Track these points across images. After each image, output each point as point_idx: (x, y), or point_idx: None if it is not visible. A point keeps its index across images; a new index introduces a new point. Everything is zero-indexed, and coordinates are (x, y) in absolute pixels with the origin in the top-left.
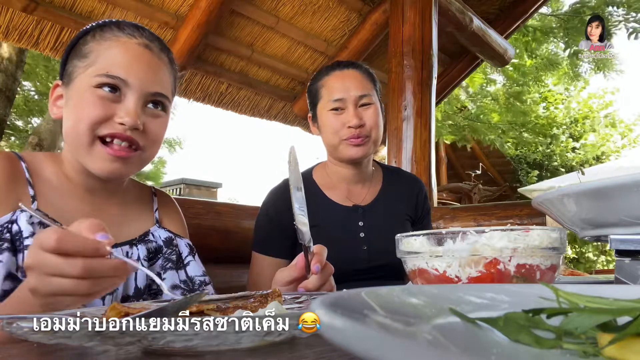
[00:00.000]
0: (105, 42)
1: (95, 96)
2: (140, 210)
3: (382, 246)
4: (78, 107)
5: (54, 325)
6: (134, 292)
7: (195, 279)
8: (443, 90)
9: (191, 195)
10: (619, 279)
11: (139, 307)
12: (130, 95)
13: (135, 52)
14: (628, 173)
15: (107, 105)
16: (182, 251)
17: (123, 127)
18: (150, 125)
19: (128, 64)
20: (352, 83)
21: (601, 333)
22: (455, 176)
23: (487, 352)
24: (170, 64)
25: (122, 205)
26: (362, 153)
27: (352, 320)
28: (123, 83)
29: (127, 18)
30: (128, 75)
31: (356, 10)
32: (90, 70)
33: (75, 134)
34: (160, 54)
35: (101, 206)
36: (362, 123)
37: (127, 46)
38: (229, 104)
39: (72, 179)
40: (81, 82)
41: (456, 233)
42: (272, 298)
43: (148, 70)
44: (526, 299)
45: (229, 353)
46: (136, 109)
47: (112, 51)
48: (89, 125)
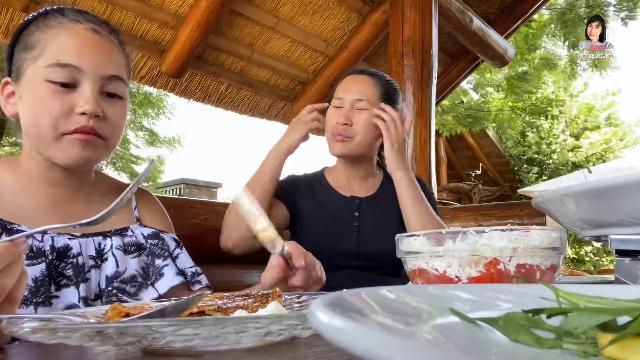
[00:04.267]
0: (50, 30)
1: (50, 89)
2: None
3: (372, 237)
4: (34, 101)
5: (53, 325)
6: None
7: (187, 271)
8: (443, 90)
9: (191, 195)
10: (619, 279)
11: (139, 307)
12: (85, 81)
13: (84, 37)
14: (628, 173)
15: (63, 97)
16: (170, 246)
17: (85, 117)
18: (110, 112)
19: (78, 50)
20: (355, 87)
21: (601, 333)
22: (455, 176)
23: (487, 352)
24: (120, 45)
25: (88, 201)
26: (342, 150)
27: (352, 320)
28: (76, 70)
29: (127, 18)
30: (80, 61)
31: (356, 10)
32: (39, 62)
33: (38, 130)
34: (109, 36)
35: (64, 201)
36: (349, 122)
37: (74, 32)
38: (229, 104)
39: (33, 177)
40: (32, 74)
41: (456, 233)
42: (273, 298)
43: (99, 53)
44: (526, 299)
45: (229, 353)
46: (93, 94)
47: (59, 39)
48: (51, 122)
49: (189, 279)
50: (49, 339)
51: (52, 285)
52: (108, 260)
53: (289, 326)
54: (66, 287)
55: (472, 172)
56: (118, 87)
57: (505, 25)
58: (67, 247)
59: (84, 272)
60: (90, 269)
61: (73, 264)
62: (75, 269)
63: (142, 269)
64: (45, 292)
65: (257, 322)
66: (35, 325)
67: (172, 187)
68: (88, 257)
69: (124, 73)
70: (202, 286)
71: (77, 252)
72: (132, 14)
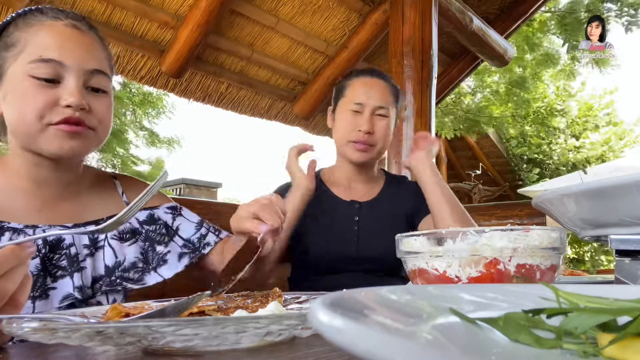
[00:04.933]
0: (30, 28)
1: (33, 84)
2: (101, 197)
3: (372, 241)
4: (18, 98)
5: (54, 325)
6: (104, 271)
7: (192, 239)
8: (443, 90)
9: (191, 195)
10: (619, 279)
11: (139, 307)
12: (68, 76)
13: (64, 33)
14: (628, 173)
15: (48, 91)
16: (166, 219)
17: (71, 110)
18: (95, 105)
19: (60, 45)
20: (375, 92)
21: (601, 333)
22: (455, 176)
23: (487, 352)
24: (101, 41)
25: (77, 196)
26: (364, 158)
27: (352, 320)
28: (59, 65)
29: (127, 18)
30: (62, 56)
31: (356, 10)
32: (20, 58)
33: (24, 125)
34: (89, 32)
35: (53, 200)
36: (372, 131)
37: (55, 28)
38: (229, 104)
39: (21, 176)
40: (14, 71)
41: (456, 233)
42: (273, 298)
43: (81, 48)
44: (526, 299)
45: (229, 353)
46: (78, 88)
47: (40, 35)
48: (36, 115)
49: (197, 246)
50: (49, 339)
51: (48, 278)
52: (105, 249)
53: (289, 326)
54: (62, 278)
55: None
56: (101, 81)
57: (505, 25)
58: (60, 239)
59: (78, 262)
60: (85, 258)
61: (67, 255)
62: (69, 259)
63: (141, 254)
64: (41, 286)
65: (257, 322)
66: (35, 325)
67: (172, 187)
68: (82, 246)
69: (106, 67)
70: (212, 247)
71: (70, 243)
72: (132, 14)
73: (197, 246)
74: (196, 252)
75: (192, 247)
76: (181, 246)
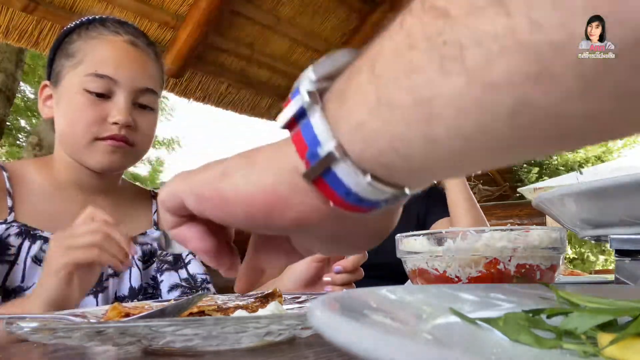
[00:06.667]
0: (91, 40)
1: (86, 99)
2: (136, 211)
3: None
4: (70, 108)
5: (54, 325)
6: (128, 292)
7: (197, 277)
8: None
9: None
10: (619, 279)
11: (139, 307)
12: (119, 92)
13: (122, 49)
14: (628, 173)
15: (98, 106)
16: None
17: (117, 127)
18: (140, 121)
19: (116, 62)
20: None
21: (601, 333)
22: None
23: (487, 352)
24: (156, 58)
25: (115, 205)
26: None
27: (352, 320)
28: (112, 81)
29: (127, 18)
30: (116, 73)
31: (356, 10)
32: (78, 70)
33: (72, 136)
34: (146, 49)
35: (93, 206)
36: None
37: (114, 44)
38: (229, 103)
39: (64, 181)
40: (70, 81)
41: (456, 233)
42: (273, 298)
43: (135, 66)
44: (526, 299)
45: (229, 353)
46: (127, 105)
47: (99, 49)
48: (84, 129)
49: (197, 285)
50: (49, 339)
51: None
52: (131, 270)
53: (289, 326)
54: (86, 296)
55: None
56: (150, 99)
57: None
58: None
59: (102, 281)
60: (108, 278)
61: None
62: None
63: (151, 279)
64: None
65: (257, 322)
66: (35, 325)
67: None
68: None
69: (157, 85)
70: (208, 294)
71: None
72: (132, 14)
73: (197, 285)
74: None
75: (192, 283)
76: (182, 279)
